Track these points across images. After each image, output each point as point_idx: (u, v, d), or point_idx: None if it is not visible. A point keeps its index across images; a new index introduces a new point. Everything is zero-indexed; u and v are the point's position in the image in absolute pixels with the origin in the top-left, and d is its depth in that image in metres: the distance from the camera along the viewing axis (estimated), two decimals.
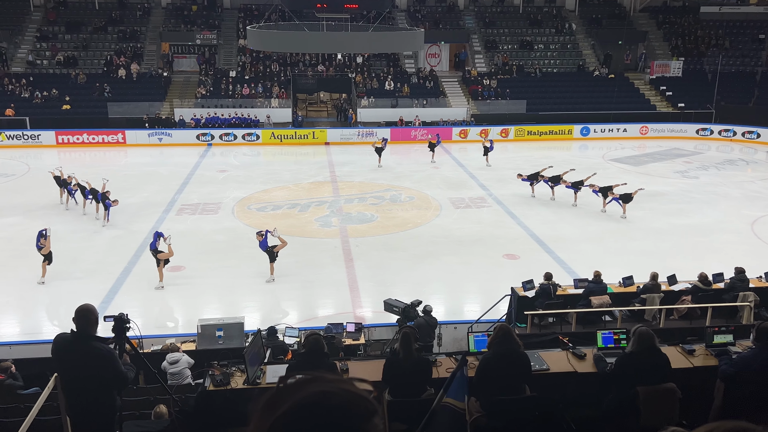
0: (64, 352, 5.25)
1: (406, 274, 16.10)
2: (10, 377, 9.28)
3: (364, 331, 11.95)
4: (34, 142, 31.56)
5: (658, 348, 5.98)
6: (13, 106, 32.95)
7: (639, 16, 42.70)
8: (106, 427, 5.42)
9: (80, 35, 38.15)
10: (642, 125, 35.25)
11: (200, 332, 11.05)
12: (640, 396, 5.69)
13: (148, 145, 31.91)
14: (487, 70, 39.30)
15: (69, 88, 34.82)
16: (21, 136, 31.57)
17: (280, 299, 14.97)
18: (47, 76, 36.15)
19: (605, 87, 37.61)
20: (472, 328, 11.69)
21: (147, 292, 15.00)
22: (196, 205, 21.92)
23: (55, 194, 22.06)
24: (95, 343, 5.19)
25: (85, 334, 5.16)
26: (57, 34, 38.19)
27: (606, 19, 42.27)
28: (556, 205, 22.02)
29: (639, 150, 32.32)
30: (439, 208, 21.76)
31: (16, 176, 26.07)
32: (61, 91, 34.31)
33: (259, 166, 28.82)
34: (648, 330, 5.97)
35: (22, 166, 27.77)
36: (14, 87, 34.45)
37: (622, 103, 36.21)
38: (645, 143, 33.91)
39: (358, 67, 38.60)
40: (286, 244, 15.68)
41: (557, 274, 13.83)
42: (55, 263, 16.44)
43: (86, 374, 5.20)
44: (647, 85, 38.84)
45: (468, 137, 33.88)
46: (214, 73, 37.16)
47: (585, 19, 42.44)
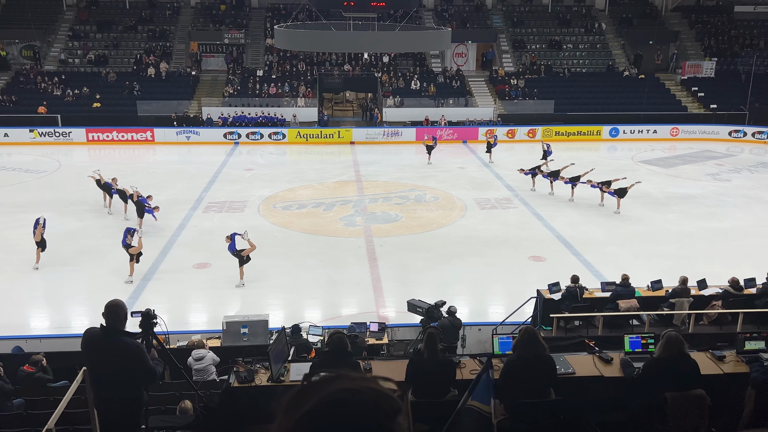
0: (93, 347, 5.33)
1: (430, 275, 16.06)
2: (40, 370, 9.47)
3: (387, 330, 11.95)
4: (65, 140, 32.15)
5: (687, 353, 5.88)
6: (45, 103, 33.62)
7: (671, 16, 42.06)
8: (132, 421, 5.50)
9: (111, 34, 38.77)
10: (673, 126, 34.71)
11: (225, 329, 11.15)
12: (669, 402, 5.60)
13: (176, 143, 32.31)
14: (515, 69, 39.03)
15: (99, 86, 35.42)
16: (52, 134, 32.18)
17: (303, 297, 15.05)
18: (78, 74, 36.81)
19: (635, 87, 37.10)
20: (497, 330, 11.62)
21: (173, 289, 15.19)
22: (222, 203, 22.14)
23: (91, 195, 22.42)
24: (124, 338, 5.26)
25: (114, 329, 5.24)
26: (88, 33, 38.86)
27: (637, 19, 41.71)
28: (583, 206, 21.80)
29: (669, 152, 31.84)
30: (464, 208, 21.68)
31: (48, 173, 26.59)
32: (91, 89, 34.91)
33: (284, 165, 29.00)
34: (677, 335, 5.88)
35: (53, 163, 28.31)
36: (47, 85, 35.15)
37: (652, 104, 35.71)
38: (675, 145, 33.39)
39: (384, 66, 38.63)
40: (254, 248, 15.41)
41: (584, 277, 13.67)
42: (84, 259, 16.75)
43: (114, 368, 5.27)
44: (678, 86, 38.24)
45: None
46: (242, 72, 37.49)
47: (615, 18, 41.93)
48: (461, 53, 40.27)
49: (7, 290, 15.05)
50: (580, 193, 22.53)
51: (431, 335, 6.35)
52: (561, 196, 22.57)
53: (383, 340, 11.63)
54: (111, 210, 20.79)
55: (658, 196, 23.23)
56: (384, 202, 22.54)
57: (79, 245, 17.85)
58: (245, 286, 15.34)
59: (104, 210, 20.97)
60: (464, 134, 33.91)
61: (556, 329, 11.92)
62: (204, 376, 9.49)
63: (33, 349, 11.14)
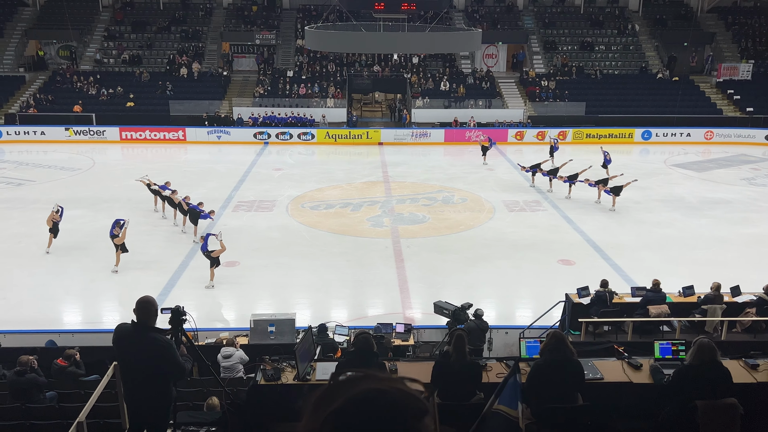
0: (124, 342, 5.41)
1: (457, 277, 16.01)
2: (73, 364, 9.66)
3: (413, 332, 11.94)
4: (99, 138, 32.78)
5: (720, 361, 5.77)
6: (80, 102, 34.33)
7: (706, 17, 41.29)
8: (161, 416, 5.58)
9: (145, 35, 39.43)
10: (707, 130, 34.07)
11: (253, 327, 11.26)
12: (699, 410, 5.50)
13: (207, 143, 32.72)
14: (546, 71, 38.70)
15: (133, 86, 36.05)
16: (87, 132, 32.82)
17: (330, 297, 15.12)
18: (113, 74, 37.50)
19: (669, 90, 36.52)
20: (524, 333, 11.54)
21: (202, 285, 15.37)
22: (251, 202, 22.35)
23: (124, 192, 22.81)
24: (154, 334, 5.33)
25: (145, 325, 5.31)
26: (123, 33, 39.57)
27: (671, 20, 41.04)
28: (614, 210, 21.52)
29: (703, 155, 31.26)
30: (492, 210, 21.56)
31: (82, 170, 27.13)
32: (125, 88, 35.55)
33: (313, 165, 29.17)
34: (709, 342, 5.77)
35: (88, 161, 28.88)
36: (82, 84, 35.88)
37: (686, 107, 35.10)
38: (710, 148, 32.77)
39: (413, 67, 38.61)
40: (225, 249, 15.35)
41: (614, 282, 13.52)
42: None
43: (144, 364, 5.34)
44: (713, 89, 37.52)
45: (524, 139, 33.45)
46: (272, 73, 37.81)
47: (649, 19, 41.31)
48: (491, 54, 40.05)
49: (42, 285, 15.40)
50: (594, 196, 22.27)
51: (459, 337, 6.32)
52: (589, 199, 22.30)
53: (409, 342, 11.62)
54: (165, 214, 20.35)
55: (691, 201, 22.84)
56: (411, 203, 22.53)
57: (111, 242, 18.13)
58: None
59: (137, 208, 21.30)
60: (493, 136, 33.65)
61: (584, 334, 11.80)
62: (231, 373, 9.59)
63: (66, 343, 11.38)
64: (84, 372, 9.72)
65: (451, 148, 32.27)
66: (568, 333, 12.09)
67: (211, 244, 15.56)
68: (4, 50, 38.22)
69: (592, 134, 33.81)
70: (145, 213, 20.81)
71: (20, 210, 21.20)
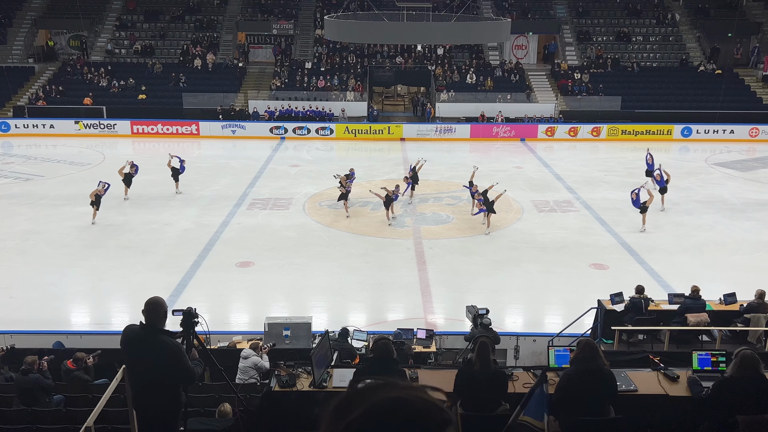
0: (133, 344, 5.47)
1: (482, 281, 15.97)
2: (82, 368, 9.79)
3: (435, 338, 11.93)
4: (109, 132, 33.21)
5: (763, 374, 5.69)
6: (91, 95, 34.80)
7: (752, 6, 40.65)
8: (171, 422, 5.63)
9: (158, 24, 39.86)
10: (752, 126, 33.54)
11: (267, 330, 11.33)
12: (741, 426, 5.43)
13: (221, 137, 32.99)
14: (579, 63, 38.41)
15: (145, 77, 36.46)
16: (97, 125, 33.27)
17: (348, 300, 15.16)
18: (125, 65, 37.97)
19: (711, 84, 36.04)
20: (553, 341, 11.47)
21: (215, 287, 15.51)
22: (267, 199, 22.49)
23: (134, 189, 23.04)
24: (163, 337, 5.38)
25: (154, 327, 5.36)
26: (135, 23, 40.04)
27: (714, 9, 40.49)
28: (651, 211, 21.30)
29: (748, 154, 30.79)
30: (520, 210, 21.46)
31: (92, 165, 27.50)
32: (137, 80, 35.98)
33: (331, 162, 29.23)
34: (752, 353, 5.70)
35: (98, 155, 29.26)
36: (93, 76, 36.38)
37: (729, 102, 34.59)
38: (755, 146, 32.27)
39: (438, 59, 38.56)
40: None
41: (650, 288, 13.36)
42: (127, 254, 17.26)
43: (153, 368, 5.39)
44: (759, 82, 36.93)
45: (555, 135, 33.23)
46: (290, 65, 38.00)
47: (690, 9, 40.80)
48: (521, 45, 39.84)
49: (50, 285, 15.65)
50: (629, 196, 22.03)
51: (483, 345, 6.31)
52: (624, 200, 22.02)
53: (431, 348, 11.61)
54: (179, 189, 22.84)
55: (734, 202, 22.52)
56: (435, 202, 22.50)
57: (121, 240, 18.41)
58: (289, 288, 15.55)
59: (146, 205, 21.56)
60: (522, 132, 33.55)
61: (617, 343, 11.71)
62: (245, 377, 9.66)
63: (74, 344, 11.54)
64: (92, 377, 9.85)
65: (478, 145, 32.16)
66: (601, 342, 11.99)
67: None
68: (13, 40, 38.88)
69: (627, 131, 33.48)
70: (156, 211, 21.05)
71: (28, 206, 21.55)
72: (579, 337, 11.37)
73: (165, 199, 22.20)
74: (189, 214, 20.65)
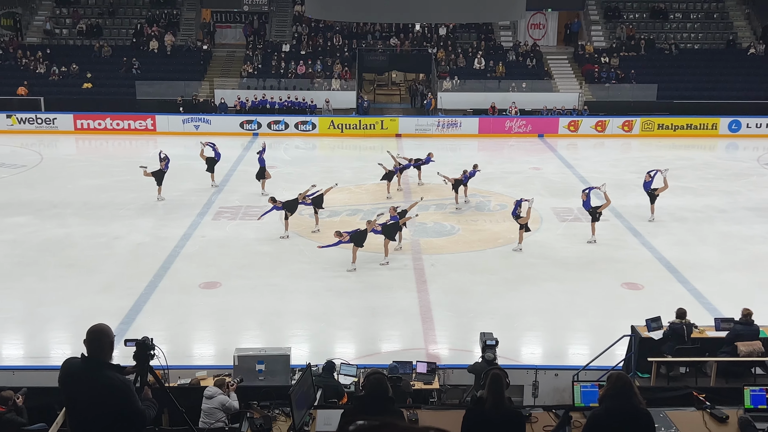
0: (72, 382, 5.42)
1: (493, 303, 15.95)
2: (12, 410, 9.72)
3: (438, 373, 11.89)
4: (48, 127, 33.14)
5: None
6: (26, 83, 34.75)
7: None
8: None
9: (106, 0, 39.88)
10: None
11: (237, 364, 11.26)
12: None
13: (182, 134, 32.93)
14: (607, 45, 38.62)
15: (91, 62, 36.46)
16: (34, 120, 33.21)
17: (335, 328, 15.11)
18: (67, 48, 37.97)
19: (763, 69, 36.29)
20: (579, 376, 11.46)
21: (175, 313, 15.44)
22: (236, 208, 22.45)
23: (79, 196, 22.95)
24: (108, 372, 5.34)
25: (97, 361, 5.32)
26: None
27: None
28: (693, 221, 21.38)
29: None
30: (539, 220, 21.49)
31: (27, 167, 27.41)
32: (81, 66, 35.95)
33: (314, 162, 29.25)
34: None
35: (34, 156, 29.18)
36: (29, 61, 36.34)
37: None
38: None
39: (440, 40, 38.71)
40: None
41: (693, 311, 13.36)
42: (69, 274, 17.18)
43: (96, 409, 5.34)
44: None
45: (579, 130, 33.34)
46: (264, 47, 38.08)
47: None
48: (538, 24, 40.05)
49: None
50: (668, 203, 22.17)
51: (496, 378, 6.29)
52: (663, 207, 22.12)
53: (433, 385, 11.58)
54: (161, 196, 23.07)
55: None
56: (437, 210, 22.51)
57: (62, 257, 18.32)
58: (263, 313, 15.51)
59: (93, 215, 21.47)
60: (540, 126, 33.66)
61: (655, 377, 11.72)
62: (210, 420, 9.61)
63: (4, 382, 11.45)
64: (26, 420, 9.77)
65: (487, 142, 32.25)
66: (635, 375, 11.97)
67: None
68: None
69: (665, 125, 33.64)
70: (104, 222, 20.97)
71: None
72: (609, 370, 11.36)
73: (114, 207, 22.12)
74: (143, 225, 20.57)
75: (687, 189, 24.42)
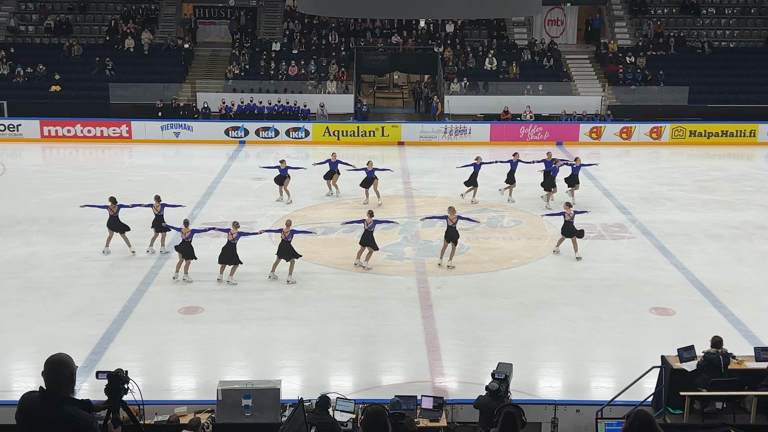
0: (29, 418, 5.38)
1: (507, 330, 15.92)
2: None
3: (446, 408, 11.87)
4: (12, 135, 33.18)
5: None
6: None
7: None
8: None
9: None
10: None
11: (221, 399, 11.24)
12: None
13: (160, 142, 33.00)
14: (633, 43, 38.73)
15: (60, 63, 36.56)
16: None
17: (329, 359, 15.06)
18: (32, 47, 38.11)
19: None
20: (603, 412, 11.42)
21: (151, 342, 15.39)
22: (221, 224, 22.40)
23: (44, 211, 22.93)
24: (67, 407, 5.29)
25: (56, 395, 5.29)
26: None
27: None
28: (729, 238, 21.36)
29: None
30: (557, 237, 21.49)
31: None
32: (49, 67, 36.04)
33: (307, 173, 29.27)
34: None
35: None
36: None
37: None
38: None
39: (447, 38, 38.83)
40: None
41: (730, 339, 13.35)
42: (33, 298, 17.15)
43: None
44: None
45: (602, 138, 33.36)
46: (252, 46, 38.19)
47: None
48: (556, 20, 40.19)
49: None
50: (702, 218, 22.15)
51: (509, 416, 6.26)
52: (694, 222, 22.12)
53: (440, 422, 11.55)
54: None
55: None
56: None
57: (26, 279, 18.28)
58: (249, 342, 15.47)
59: (60, 232, 21.47)
60: (558, 133, 33.69)
61: (688, 413, 11.68)
62: None
63: None
64: None
65: (500, 150, 32.23)
66: (666, 412, 11.94)
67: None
68: None
69: (698, 132, 33.65)
70: (73, 240, 20.95)
71: None
72: (637, 405, 11.32)
73: (84, 224, 22.07)
74: (116, 243, 20.57)
75: (722, 203, 24.39)
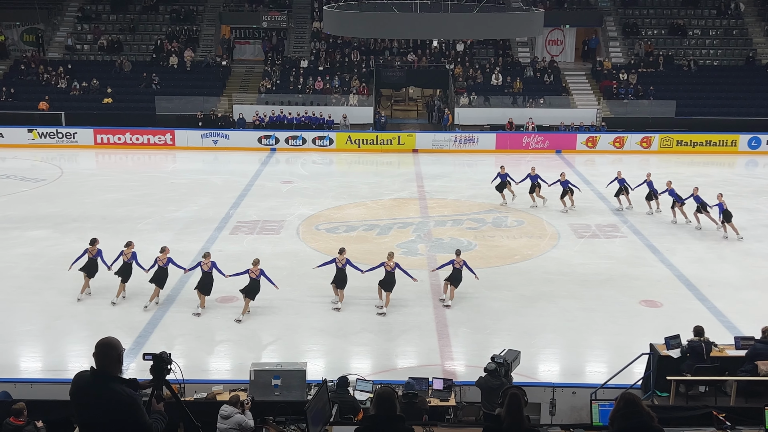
0: (81, 395, 5.41)
1: (511, 320, 15.92)
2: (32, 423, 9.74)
3: (454, 389, 11.85)
4: (69, 142, 33.44)
5: None
6: (47, 98, 35.11)
7: None
8: None
9: (127, 15, 40.34)
10: None
11: (253, 379, 11.27)
12: None
13: (200, 149, 33.16)
14: (625, 61, 38.54)
15: (112, 78, 36.80)
16: (54, 134, 33.53)
17: (350, 344, 15.11)
18: (87, 63, 38.35)
19: None
20: (597, 394, 11.39)
21: (192, 327, 15.49)
22: (254, 222, 22.52)
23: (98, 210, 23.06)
24: (114, 386, 5.31)
25: (105, 374, 5.32)
26: (101, 14, 40.54)
27: None
28: (713, 238, 21.23)
29: None
30: (556, 236, 21.43)
31: (47, 182, 27.66)
32: (102, 81, 36.29)
33: (331, 177, 29.36)
34: None
35: (54, 170, 29.44)
36: (50, 76, 36.74)
37: None
38: None
39: (458, 56, 38.78)
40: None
41: (712, 329, 13.33)
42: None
43: (103, 423, 5.31)
44: None
45: (597, 146, 33.24)
46: (282, 63, 38.30)
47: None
48: (556, 40, 40.04)
49: None
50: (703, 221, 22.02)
51: (514, 397, 6.24)
52: (684, 224, 22.02)
53: (449, 402, 11.53)
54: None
55: None
56: (453, 225, 22.48)
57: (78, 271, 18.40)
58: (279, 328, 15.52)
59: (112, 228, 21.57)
60: (558, 142, 33.59)
61: (674, 396, 11.62)
62: None
63: (23, 395, 11.50)
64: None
65: (505, 158, 32.12)
66: (654, 394, 11.91)
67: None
68: None
69: (684, 141, 33.47)
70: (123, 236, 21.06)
71: None
72: (628, 388, 11.27)
73: (133, 221, 22.26)
74: (161, 239, 20.66)
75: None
